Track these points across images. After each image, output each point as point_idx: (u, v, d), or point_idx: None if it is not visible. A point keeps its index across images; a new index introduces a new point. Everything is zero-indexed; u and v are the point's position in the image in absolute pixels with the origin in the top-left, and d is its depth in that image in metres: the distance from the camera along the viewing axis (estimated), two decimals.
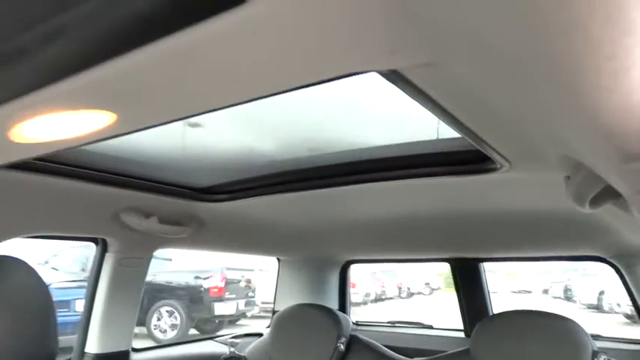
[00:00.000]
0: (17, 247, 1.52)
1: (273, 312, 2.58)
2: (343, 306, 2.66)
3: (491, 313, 2.27)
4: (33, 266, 1.13)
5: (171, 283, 7.97)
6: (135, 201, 1.54)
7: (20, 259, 1.11)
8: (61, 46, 0.59)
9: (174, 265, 8.18)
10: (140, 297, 1.87)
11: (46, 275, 6.50)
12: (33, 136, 0.79)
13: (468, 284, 2.33)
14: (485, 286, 2.32)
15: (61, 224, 1.49)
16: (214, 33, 0.50)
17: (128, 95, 0.67)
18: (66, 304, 5.97)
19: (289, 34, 0.51)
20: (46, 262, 7.01)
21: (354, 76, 0.64)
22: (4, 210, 1.30)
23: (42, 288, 1.10)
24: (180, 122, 0.94)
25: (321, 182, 1.45)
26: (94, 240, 1.74)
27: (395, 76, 0.67)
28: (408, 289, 14.99)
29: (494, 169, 1.15)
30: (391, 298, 13.91)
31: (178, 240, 1.80)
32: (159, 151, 1.45)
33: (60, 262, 7.21)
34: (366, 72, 0.65)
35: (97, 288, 1.75)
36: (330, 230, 2.04)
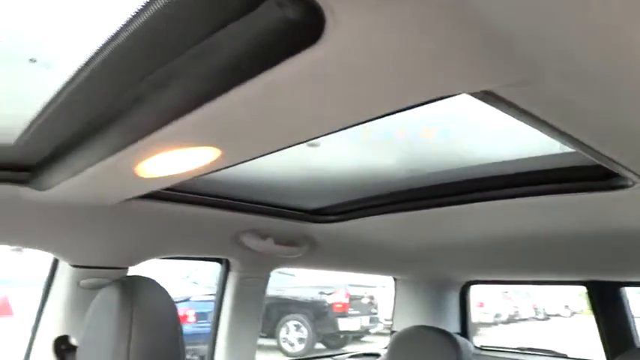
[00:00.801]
0: (164, 263, 1.71)
1: (391, 332, 2.55)
2: (464, 329, 2.53)
3: (638, 345, 2.01)
4: (166, 283, 1.26)
5: (297, 298, 8.24)
6: (253, 224, 1.63)
7: (151, 279, 1.23)
8: (170, 92, 0.65)
9: (297, 280, 8.45)
10: (261, 313, 1.97)
11: (187, 288, 7.11)
12: (153, 171, 0.88)
13: (608, 310, 2.09)
14: (628, 312, 2.06)
15: (188, 247, 1.64)
16: (303, 68, 0.52)
17: (229, 131, 0.72)
18: (204, 315, 6.41)
19: (384, 60, 0.52)
20: (188, 277, 7.62)
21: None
22: (140, 235, 1.46)
23: (171, 305, 1.20)
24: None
25: (435, 201, 1.41)
26: (219, 260, 1.87)
27: (489, 97, 0.64)
28: (544, 310, 13.82)
29: (625, 186, 1.03)
30: (525, 320, 12.92)
31: (294, 260, 1.87)
32: (275, 175, 1.52)
33: (200, 277, 7.81)
34: (458, 94, 0.63)
35: (222, 304, 1.88)
36: (447, 250, 1.97)
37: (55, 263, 1.49)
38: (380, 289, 8.48)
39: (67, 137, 0.93)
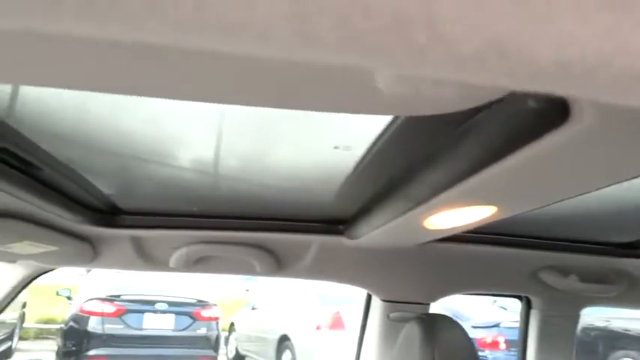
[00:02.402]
0: None
1: None
2: None
3: None
4: (460, 323, 1.32)
5: (629, 331, 7.05)
6: (552, 260, 1.56)
7: (450, 317, 1.31)
8: (453, 158, 0.74)
9: (629, 310, 7.22)
10: (573, 354, 1.81)
11: (496, 314, 6.95)
12: (437, 225, 0.98)
13: None
14: None
15: (486, 283, 1.66)
16: (555, 144, 0.54)
17: (506, 192, 0.76)
18: (516, 343, 6.11)
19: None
20: (495, 302, 7.44)
21: None
22: (439, 273, 1.58)
23: (470, 345, 1.26)
24: None
25: None
26: (519, 296, 1.83)
27: None
28: None
29: None
30: None
31: (608, 299, 1.67)
32: (575, 209, 1.43)
33: (507, 302, 7.54)
34: None
35: (526, 343, 1.81)
36: None
37: (369, 298, 1.74)
38: None
39: (369, 197, 1.13)
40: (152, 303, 6.24)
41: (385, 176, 1.00)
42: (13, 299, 1.53)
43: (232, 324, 8.78)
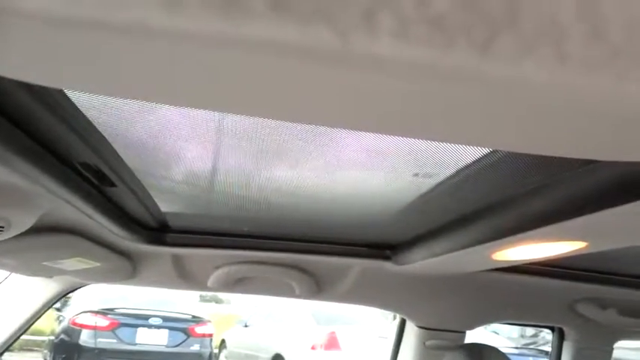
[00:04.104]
0: None
1: None
2: None
3: None
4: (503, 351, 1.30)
5: None
6: (590, 292, 1.54)
7: (491, 346, 1.29)
8: (540, 201, 0.72)
9: None
10: None
11: (488, 338, 6.91)
12: (508, 257, 0.96)
13: None
14: None
15: (521, 313, 1.65)
16: None
17: (602, 231, 0.75)
18: None
19: None
20: (485, 327, 7.40)
21: None
22: (477, 302, 1.56)
23: None
24: None
25: None
26: (551, 327, 1.81)
27: None
28: None
29: None
30: None
31: None
32: None
33: (499, 327, 7.51)
34: None
35: None
36: None
37: (402, 324, 1.71)
38: None
39: (430, 224, 1.10)
40: (146, 317, 6.11)
41: (456, 204, 0.98)
42: (42, 314, 1.48)
43: (223, 341, 8.63)
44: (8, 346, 1.45)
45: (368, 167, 0.97)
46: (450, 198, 0.96)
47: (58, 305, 6.98)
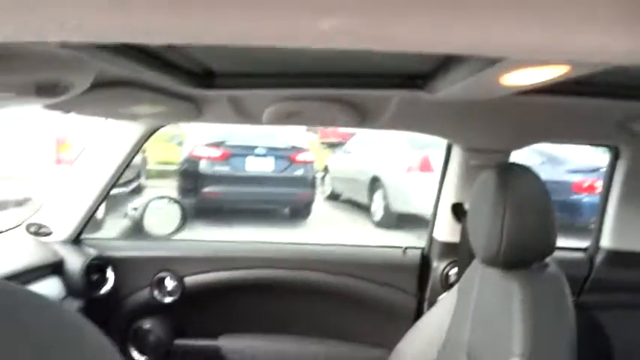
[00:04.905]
0: None
1: None
2: None
3: None
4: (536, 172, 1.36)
5: None
6: None
7: (526, 167, 1.35)
8: None
9: None
10: None
11: (596, 158, 6.68)
12: (513, 82, 0.99)
13: None
14: None
15: (571, 133, 1.65)
16: None
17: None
18: None
19: None
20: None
21: None
22: (522, 123, 1.59)
23: (544, 193, 1.28)
24: None
25: None
26: (608, 146, 1.80)
27: None
28: None
29: None
30: None
31: None
32: None
33: None
34: None
35: (610, 190, 1.83)
36: None
37: (449, 147, 1.81)
38: None
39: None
40: (252, 148, 6.78)
41: None
42: (139, 150, 1.81)
43: (326, 166, 9.35)
44: (120, 175, 1.82)
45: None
46: None
47: (179, 140, 7.91)
